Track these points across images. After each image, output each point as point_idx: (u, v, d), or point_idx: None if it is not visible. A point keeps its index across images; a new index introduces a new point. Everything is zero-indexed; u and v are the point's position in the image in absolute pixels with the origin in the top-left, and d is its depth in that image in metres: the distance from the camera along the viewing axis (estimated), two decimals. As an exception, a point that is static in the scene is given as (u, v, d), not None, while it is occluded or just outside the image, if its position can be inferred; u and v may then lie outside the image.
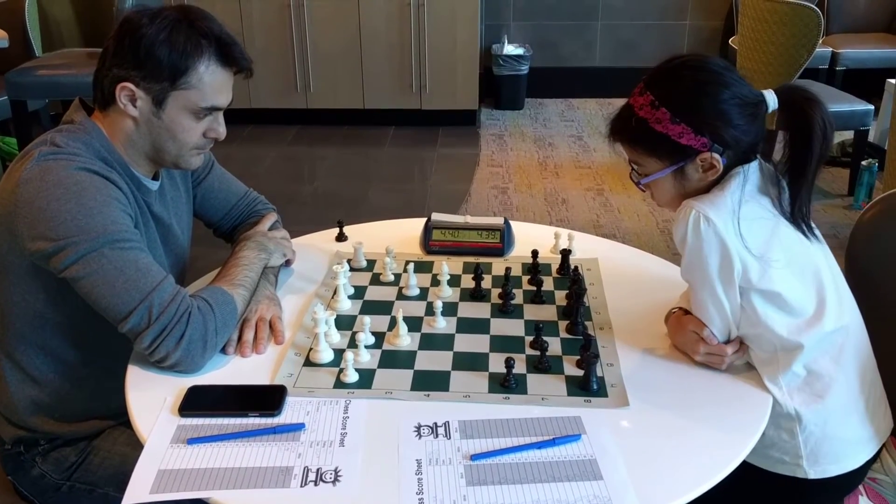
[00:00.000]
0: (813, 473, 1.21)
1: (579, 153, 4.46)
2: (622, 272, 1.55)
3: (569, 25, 5.29)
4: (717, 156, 1.18)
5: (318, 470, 1.02)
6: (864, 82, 4.55)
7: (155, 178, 1.39)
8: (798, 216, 1.19)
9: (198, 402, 1.15)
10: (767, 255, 1.15)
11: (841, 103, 3.70)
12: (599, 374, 1.21)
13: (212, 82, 1.28)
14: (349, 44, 4.64)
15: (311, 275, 1.53)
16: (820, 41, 3.45)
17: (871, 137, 3.96)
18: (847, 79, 4.61)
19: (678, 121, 1.17)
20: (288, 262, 1.54)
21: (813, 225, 1.23)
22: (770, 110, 1.19)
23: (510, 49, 5.10)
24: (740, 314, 1.18)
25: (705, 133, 1.17)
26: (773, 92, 1.19)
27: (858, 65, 4.65)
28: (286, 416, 1.13)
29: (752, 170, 1.20)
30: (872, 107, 3.74)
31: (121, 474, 1.14)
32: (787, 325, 1.17)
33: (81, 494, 1.35)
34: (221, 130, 1.35)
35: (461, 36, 4.61)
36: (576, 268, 1.50)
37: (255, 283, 1.36)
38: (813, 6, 3.37)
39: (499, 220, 1.65)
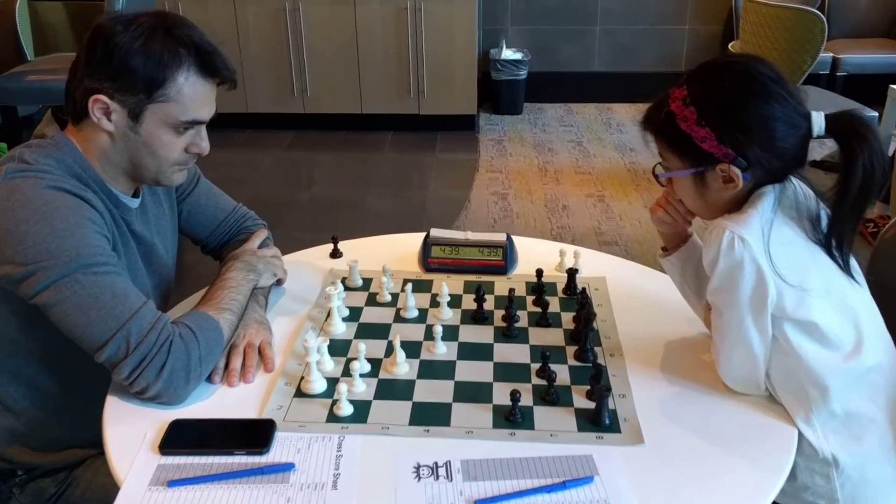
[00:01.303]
0: None
1: (579, 158, 4.39)
2: (631, 292, 1.47)
3: (567, 30, 5.21)
4: (737, 170, 1.10)
5: (308, 517, 0.94)
6: (866, 88, 4.47)
7: (136, 194, 1.31)
8: (835, 251, 1.10)
9: (180, 438, 1.07)
10: (804, 283, 1.07)
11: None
12: (611, 406, 1.13)
13: (192, 94, 1.20)
14: (346, 48, 4.56)
15: (304, 295, 1.45)
16: (823, 47, 3.38)
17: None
18: (848, 84, 4.54)
19: (703, 124, 1.09)
20: (279, 282, 1.46)
21: (853, 264, 1.14)
22: (815, 135, 1.09)
23: (508, 54, 5.03)
24: (771, 345, 1.10)
25: (728, 143, 1.09)
26: (822, 115, 1.08)
27: (860, 70, 4.58)
28: (275, 453, 1.05)
29: (788, 190, 1.12)
30: (876, 113, 3.66)
31: (101, 508, 1.07)
32: (822, 359, 1.09)
33: (60, 529, 1.27)
34: (204, 145, 1.26)
35: (459, 40, 4.53)
36: (583, 289, 1.42)
37: (243, 307, 1.28)
38: (817, 11, 3.31)
39: (501, 237, 1.57)
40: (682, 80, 1.13)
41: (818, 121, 1.08)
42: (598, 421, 1.10)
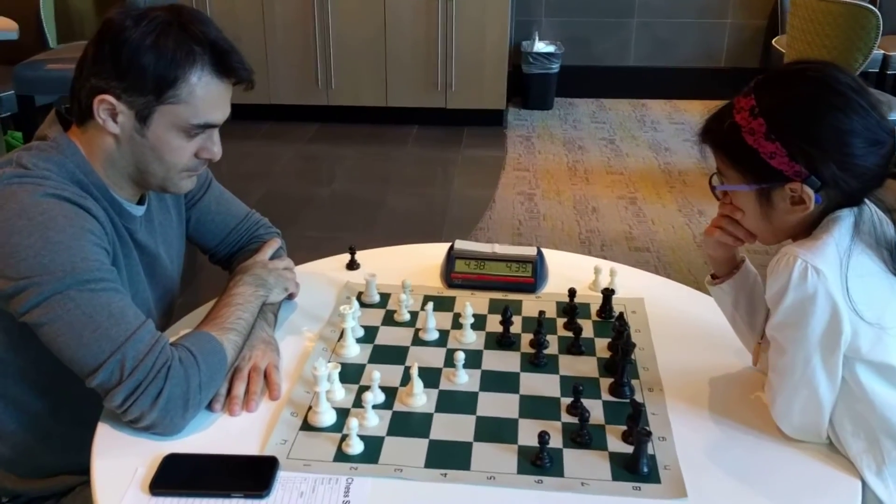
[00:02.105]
0: None
1: (611, 158, 4.24)
2: (672, 317, 1.35)
3: (602, 22, 5.06)
4: (809, 190, 0.98)
5: (309, 577, 0.84)
6: (918, 88, 4.28)
7: (141, 201, 1.22)
8: None
9: (173, 476, 0.97)
10: (883, 320, 0.95)
11: (894, 111, 3.45)
12: (650, 451, 1.01)
13: (205, 96, 1.11)
14: (373, 38, 4.45)
15: (317, 311, 1.35)
16: (877, 44, 3.20)
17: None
18: (898, 84, 4.34)
19: (773, 138, 0.97)
20: (290, 297, 1.36)
21: None
22: None
23: (541, 46, 4.88)
24: (840, 387, 0.98)
25: (801, 160, 0.97)
26: None
27: (911, 69, 4.37)
28: (276, 497, 0.95)
29: (865, 214, 0.99)
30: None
31: (93, 540, 0.97)
32: None
33: (49, 560, 1.19)
34: (216, 150, 1.17)
35: (490, 32, 4.40)
36: (620, 314, 1.30)
37: (250, 326, 1.18)
38: (871, 6, 3.13)
39: (531, 251, 1.46)
40: (748, 89, 1.01)
41: None
42: (636, 469, 0.99)
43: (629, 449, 1.01)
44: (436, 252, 1.52)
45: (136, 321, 1.04)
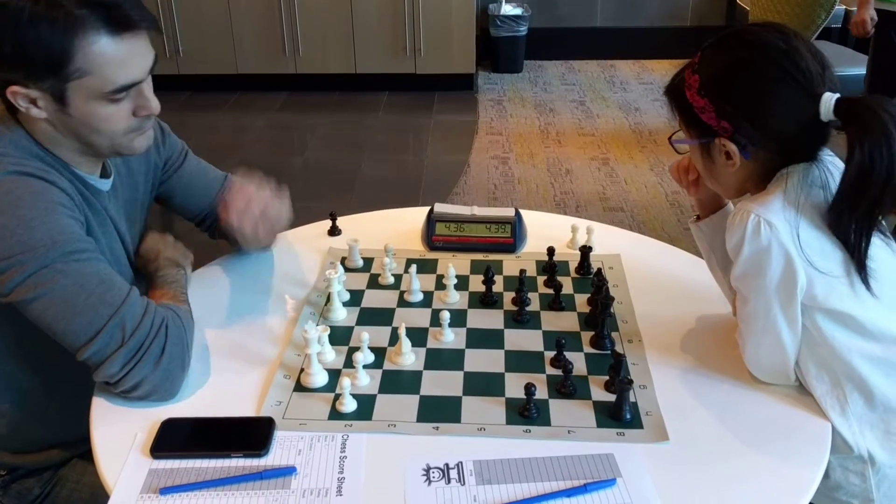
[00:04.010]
0: None
1: (582, 119, 4.27)
2: (648, 271, 1.39)
3: (569, -17, 5.06)
4: (733, 146, 1.02)
5: (312, 528, 0.88)
6: (879, 42, 4.34)
7: (105, 174, 1.19)
8: (845, 243, 1.00)
9: (173, 440, 1.00)
10: (836, 270, 0.99)
11: (856, 66, 3.52)
12: (632, 399, 1.06)
13: (109, 60, 1.01)
14: (339, 4, 4.40)
15: (303, 277, 1.37)
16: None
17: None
18: (861, 39, 4.40)
19: (703, 94, 1.02)
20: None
21: (885, 239, 1.05)
22: (824, 120, 0.98)
23: (508, 9, 4.87)
24: (802, 334, 1.03)
25: (725, 118, 1.01)
26: (834, 99, 0.97)
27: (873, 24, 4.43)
28: (274, 455, 0.98)
29: (818, 170, 1.03)
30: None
31: (91, 509, 1.00)
32: (859, 349, 1.01)
33: (48, 530, 1.21)
34: (153, 105, 1.09)
35: (457, -5, 4.38)
36: (598, 269, 1.34)
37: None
38: (832, -38, 3.17)
39: (509, 212, 1.49)
40: (702, 47, 1.05)
41: (827, 104, 0.97)
42: (619, 416, 1.03)
43: (612, 398, 1.06)
44: (415, 216, 1.55)
45: (125, 286, 1.06)
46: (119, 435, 1.01)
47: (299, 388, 1.09)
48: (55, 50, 0.99)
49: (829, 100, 0.97)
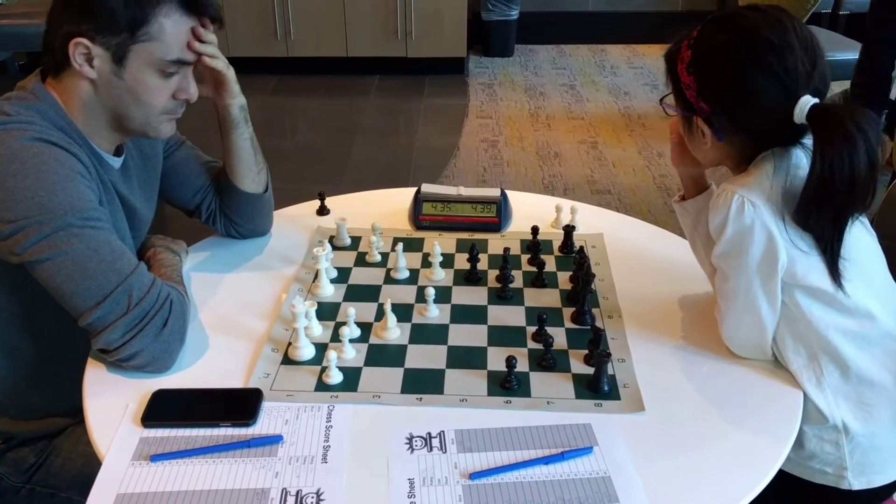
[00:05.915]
0: (857, 485, 1.09)
1: (572, 103, 4.29)
2: (630, 250, 1.42)
3: (561, -33, 5.06)
4: (707, 129, 1.06)
5: (297, 493, 0.91)
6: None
7: (118, 153, 1.24)
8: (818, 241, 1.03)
9: (163, 410, 1.02)
10: (815, 249, 1.02)
11: (845, 51, 3.55)
12: (610, 372, 1.09)
13: (176, 34, 1.12)
14: (331, -13, 4.40)
15: (291, 255, 1.40)
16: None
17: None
18: (851, 24, 4.43)
19: (691, 72, 1.06)
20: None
21: (865, 227, 1.09)
22: (797, 122, 0.99)
23: (500, -8, 4.87)
24: (780, 310, 1.06)
25: (705, 100, 1.05)
26: (810, 103, 0.98)
27: (863, 9, 4.45)
28: (262, 425, 1.01)
29: (797, 154, 1.05)
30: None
31: (84, 477, 1.02)
32: (835, 324, 1.05)
33: (42, 499, 1.24)
34: (193, 91, 1.19)
35: (449, -21, 4.38)
36: (581, 247, 1.37)
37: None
38: (821, -53, 3.19)
39: (495, 192, 1.52)
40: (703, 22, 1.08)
41: (802, 108, 0.98)
42: (597, 387, 1.07)
43: (591, 370, 1.09)
44: (403, 197, 1.57)
45: (135, 259, 1.10)
46: (111, 405, 1.03)
47: (287, 360, 1.12)
48: (137, 12, 1.08)
49: (804, 104, 0.98)
